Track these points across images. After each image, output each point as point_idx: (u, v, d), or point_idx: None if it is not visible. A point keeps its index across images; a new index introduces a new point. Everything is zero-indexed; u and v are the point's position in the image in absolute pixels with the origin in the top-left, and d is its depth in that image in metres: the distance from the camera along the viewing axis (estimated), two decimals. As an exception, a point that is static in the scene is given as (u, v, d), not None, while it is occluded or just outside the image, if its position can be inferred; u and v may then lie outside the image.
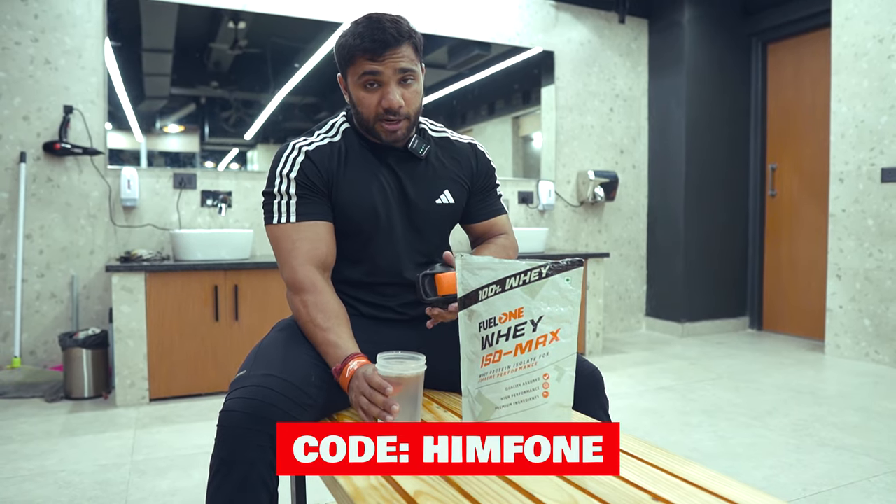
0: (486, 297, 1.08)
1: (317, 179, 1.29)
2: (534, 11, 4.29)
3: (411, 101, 1.30)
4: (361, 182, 1.33)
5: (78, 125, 3.19)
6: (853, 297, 3.72)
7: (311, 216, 1.28)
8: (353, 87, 1.29)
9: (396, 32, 1.26)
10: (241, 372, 1.16)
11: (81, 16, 3.18)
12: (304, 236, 1.27)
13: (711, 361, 3.76)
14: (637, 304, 4.80)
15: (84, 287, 3.23)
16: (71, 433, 2.51)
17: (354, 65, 1.27)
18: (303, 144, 1.33)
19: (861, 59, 3.65)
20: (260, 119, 3.63)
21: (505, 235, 1.53)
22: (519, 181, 4.26)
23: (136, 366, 2.89)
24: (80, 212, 3.22)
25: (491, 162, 1.51)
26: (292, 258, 1.27)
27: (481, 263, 1.08)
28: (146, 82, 3.41)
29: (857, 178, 3.69)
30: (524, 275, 1.05)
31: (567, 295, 1.06)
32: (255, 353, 1.22)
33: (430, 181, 1.39)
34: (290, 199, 1.29)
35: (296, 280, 1.26)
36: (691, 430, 2.56)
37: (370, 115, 1.28)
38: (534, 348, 1.05)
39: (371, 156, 1.36)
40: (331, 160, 1.32)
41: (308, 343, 1.24)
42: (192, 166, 3.48)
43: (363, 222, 1.32)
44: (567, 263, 1.05)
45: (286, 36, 3.66)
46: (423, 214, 1.37)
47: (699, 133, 4.51)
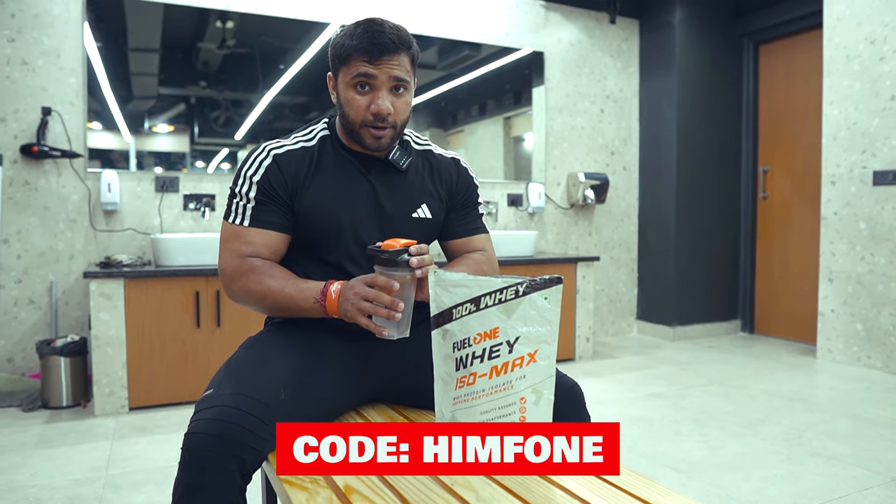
0: (460, 315, 1.02)
1: (279, 186, 1.26)
2: (523, 11, 4.24)
3: (400, 111, 1.27)
4: (330, 190, 1.29)
5: (56, 127, 3.12)
6: (845, 301, 3.69)
7: (264, 224, 1.26)
8: (344, 88, 1.26)
9: (397, 39, 1.24)
10: (208, 391, 1.10)
11: (60, 15, 3.11)
12: (251, 240, 1.25)
13: (703, 366, 3.72)
14: (628, 307, 4.75)
15: (63, 293, 3.16)
16: (46, 445, 2.45)
17: (349, 65, 1.23)
18: (274, 147, 1.29)
19: (853, 60, 3.61)
20: (250, 119, 3.59)
21: (482, 252, 1.47)
22: (508, 183, 4.20)
23: (115, 374, 2.82)
24: (59, 216, 3.15)
25: (474, 179, 1.47)
26: (234, 253, 1.26)
27: (455, 280, 1.03)
28: (133, 82, 3.35)
29: (849, 181, 3.65)
30: (500, 293, 1.00)
31: (545, 314, 1.01)
32: (222, 370, 1.16)
33: (408, 194, 1.35)
34: (247, 203, 1.27)
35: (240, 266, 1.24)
36: (681, 440, 2.51)
37: (357, 119, 1.25)
38: (510, 371, 1.00)
39: (347, 164, 1.32)
40: (300, 166, 1.28)
41: (278, 356, 1.18)
42: (182, 166, 3.44)
43: (328, 231, 1.28)
44: (545, 281, 1.00)
45: (275, 35, 3.60)
46: (398, 228, 1.33)
47: (690, 135, 4.47)
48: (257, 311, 1.29)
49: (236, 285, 1.25)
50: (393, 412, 1.33)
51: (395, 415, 1.32)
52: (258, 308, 1.28)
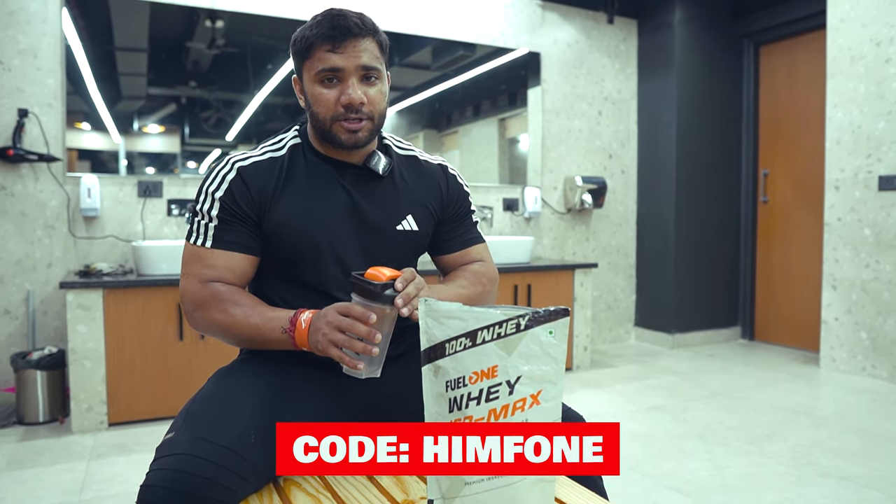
0: (453, 350, 0.91)
1: (244, 202, 1.13)
2: (519, 11, 4.13)
3: (375, 101, 1.14)
4: (303, 203, 1.16)
5: (34, 130, 2.99)
6: (849, 309, 3.59)
7: (228, 245, 1.14)
8: (309, 84, 1.14)
9: (360, 22, 1.12)
10: (169, 434, 0.99)
11: (37, 13, 2.98)
12: (214, 263, 1.13)
13: (703, 376, 3.61)
14: (626, 313, 4.65)
15: (41, 302, 3.03)
16: (18, 466, 2.32)
17: (311, 58, 1.12)
18: (238, 159, 1.16)
19: (857, 62, 3.52)
20: (241, 119, 3.49)
21: (481, 262, 1.35)
22: (504, 188, 4.09)
23: (94, 389, 2.70)
24: (37, 222, 3.02)
25: (464, 186, 1.34)
26: (197, 278, 1.13)
27: (448, 311, 0.91)
28: (122, 82, 3.25)
29: (854, 186, 3.56)
30: (499, 326, 0.89)
31: (550, 350, 0.89)
32: (186, 409, 1.05)
33: (392, 204, 1.22)
34: (209, 222, 1.14)
35: (202, 294, 1.12)
36: (685, 458, 2.41)
37: (327, 115, 1.12)
38: (510, 414, 0.89)
39: (321, 172, 1.19)
40: (267, 179, 1.15)
41: (246, 391, 1.07)
42: (173, 166, 3.36)
43: (303, 249, 1.15)
44: (549, 313, 0.89)
45: (266, 35, 3.49)
46: (381, 241, 1.20)
47: (690, 137, 4.37)
48: (224, 341, 1.16)
49: (198, 314, 1.13)
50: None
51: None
52: (223, 339, 1.15)
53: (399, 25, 3.77)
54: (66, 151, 3.08)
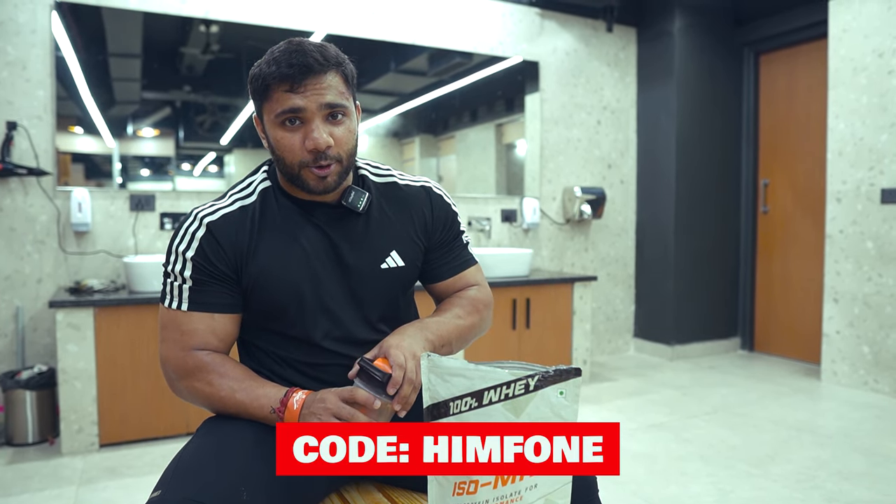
0: (458, 410, 0.86)
1: (218, 260, 1.06)
2: (517, 20, 4.08)
3: (343, 141, 1.06)
4: (281, 252, 1.09)
5: (23, 143, 2.93)
6: (851, 323, 3.56)
7: (206, 307, 1.06)
8: (271, 127, 1.06)
9: (321, 56, 1.02)
10: (156, 493, 0.93)
11: (26, 24, 2.92)
12: (194, 328, 1.06)
13: (704, 390, 3.57)
14: (625, 324, 4.61)
15: (31, 319, 2.97)
16: (5, 492, 2.26)
17: (270, 99, 1.04)
18: (206, 213, 1.08)
19: (860, 73, 3.48)
20: (236, 123, 3.45)
21: (476, 287, 1.28)
22: (502, 199, 4.04)
23: (85, 409, 2.64)
24: (26, 237, 2.96)
25: (451, 206, 1.26)
26: (178, 345, 1.06)
27: (452, 368, 0.87)
28: (115, 87, 3.21)
29: (856, 199, 3.52)
30: (506, 387, 0.84)
31: (560, 412, 0.85)
32: (173, 464, 0.99)
33: (373, 241, 1.15)
34: (183, 283, 1.06)
35: (186, 364, 1.06)
36: (688, 481, 2.36)
37: (293, 161, 1.04)
38: (518, 479, 0.84)
39: (295, 216, 1.11)
40: (240, 231, 1.08)
41: (237, 444, 1.01)
42: (168, 169, 3.33)
43: (285, 301, 1.09)
44: (560, 372, 0.84)
45: (261, 39, 3.43)
46: (366, 283, 1.14)
47: (689, 147, 4.33)
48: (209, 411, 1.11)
49: (181, 384, 1.07)
50: (379, 494, 1.17)
51: (381, 497, 1.16)
52: (207, 409, 1.10)
53: (397, 35, 3.71)
54: (59, 157, 3.02)
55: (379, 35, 3.67)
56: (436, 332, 1.13)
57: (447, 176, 4.07)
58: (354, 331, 1.14)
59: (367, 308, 1.15)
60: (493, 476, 0.84)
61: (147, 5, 3.13)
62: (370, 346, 1.12)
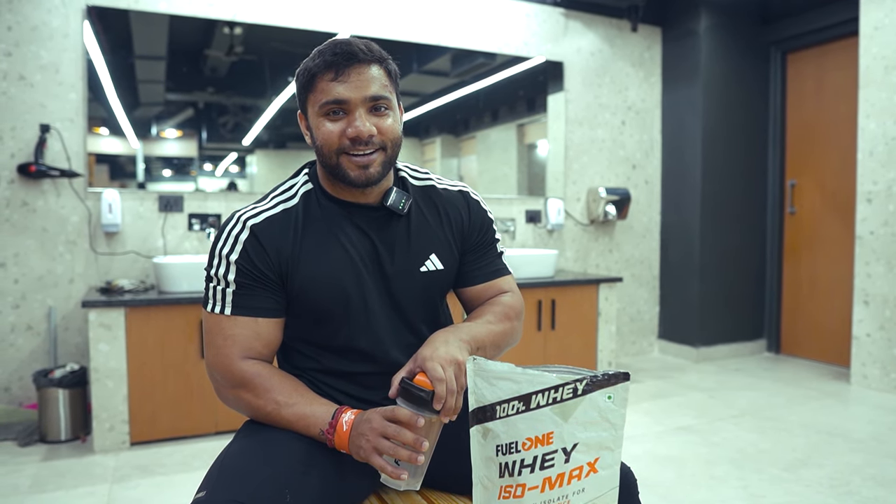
0: (505, 414, 0.86)
1: (263, 264, 1.05)
2: (542, 20, 4.07)
3: (387, 130, 1.05)
4: (325, 257, 1.08)
5: (55, 145, 2.97)
6: (882, 326, 3.49)
7: (250, 311, 1.06)
8: (315, 119, 1.06)
9: (366, 48, 1.04)
10: (200, 494, 0.94)
11: (59, 28, 2.97)
12: (238, 332, 1.05)
13: (731, 393, 3.53)
14: (649, 326, 4.57)
15: (63, 318, 3.02)
16: (40, 489, 2.30)
17: (314, 90, 1.05)
18: (249, 216, 1.08)
19: (892, 72, 3.42)
20: (258, 124, 3.48)
21: (510, 294, 1.26)
22: (526, 199, 4.03)
23: (116, 408, 2.67)
24: (58, 238, 3.01)
25: (488, 213, 1.25)
26: (223, 352, 1.05)
27: (499, 372, 0.87)
28: (140, 89, 3.24)
29: (888, 199, 3.46)
30: (554, 391, 0.84)
31: (609, 416, 0.84)
32: (217, 465, 1.00)
33: (413, 244, 1.14)
34: (226, 287, 1.06)
35: (233, 374, 1.05)
36: (718, 485, 2.34)
37: (331, 149, 1.04)
38: (566, 483, 0.84)
39: (338, 218, 1.11)
40: (284, 234, 1.07)
41: (281, 447, 1.01)
42: (191, 169, 3.36)
43: (332, 305, 1.08)
44: (609, 377, 0.84)
45: (283, 41, 3.46)
46: (405, 287, 1.13)
47: (715, 147, 4.28)
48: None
49: (229, 393, 1.07)
50: (419, 497, 1.17)
51: (420, 500, 1.16)
52: (254, 419, 1.10)
53: (421, 36, 3.72)
54: (87, 164, 3.06)
55: (403, 36, 3.68)
56: (469, 335, 1.10)
57: (468, 176, 4.07)
58: (395, 333, 1.14)
59: (407, 311, 1.15)
60: (541, 479, 0.84)
61: (176, 8, 3.17)
62: (409, 349, 1.11)
